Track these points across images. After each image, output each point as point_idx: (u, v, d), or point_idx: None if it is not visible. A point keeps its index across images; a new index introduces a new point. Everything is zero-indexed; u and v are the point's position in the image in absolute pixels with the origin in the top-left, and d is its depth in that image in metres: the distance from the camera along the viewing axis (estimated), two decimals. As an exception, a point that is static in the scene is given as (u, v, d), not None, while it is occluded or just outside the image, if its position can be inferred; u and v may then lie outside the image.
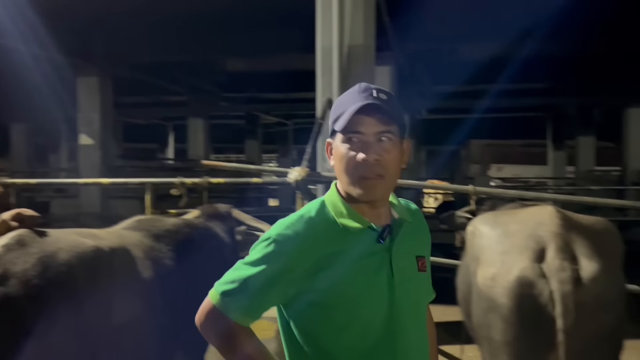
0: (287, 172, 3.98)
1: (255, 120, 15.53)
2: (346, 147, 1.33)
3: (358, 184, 1.32)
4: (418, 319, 1.41)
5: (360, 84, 1.38)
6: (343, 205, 1.37)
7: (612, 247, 2.38)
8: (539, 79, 11.00)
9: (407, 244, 1.40)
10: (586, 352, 2.16)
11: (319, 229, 1.33)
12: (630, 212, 8.37)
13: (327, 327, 1.33)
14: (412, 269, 1.39)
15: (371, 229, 1.36)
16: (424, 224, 1.51)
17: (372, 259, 1.34)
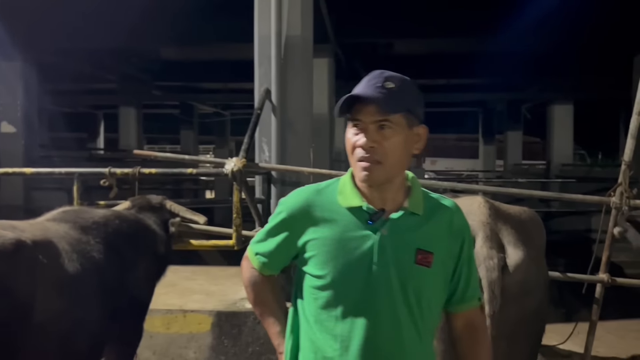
0: (223, 162, 3.90)
1: (190, 110, 15.16)
2: (351, 132, 1.41)
3: (357, 167, 1.40)
4: (408, 310, 1.40)
5: (376, 71, 1.44)
6: (349, 183, 1.46)
7: (536, 236, 2.49)
8: (472, 75, 11.39)
9: (408, 234, 1.42)
10: (512, 336, 2.26)
11: (322, 198, 1.46)
12: (554, 203, 8.87)
13: (312, 289, 1.44)
14: (406, 259, 1.40)
15: (365, 210, 1.41)
16: (453, 223, 1.47)
17: (357, 238, 1.40)
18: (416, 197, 1.46)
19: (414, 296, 1.41)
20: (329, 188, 1.48)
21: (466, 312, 1.51)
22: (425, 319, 1.44)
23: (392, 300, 1.39)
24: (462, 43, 9.63)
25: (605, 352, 4.23)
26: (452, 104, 17.07)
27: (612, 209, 3.66)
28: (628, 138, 3.69)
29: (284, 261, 1.53)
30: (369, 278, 1.38)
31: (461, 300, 1.50)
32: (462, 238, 1.49)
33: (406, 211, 1.43)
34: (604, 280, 3.78)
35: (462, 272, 1.49)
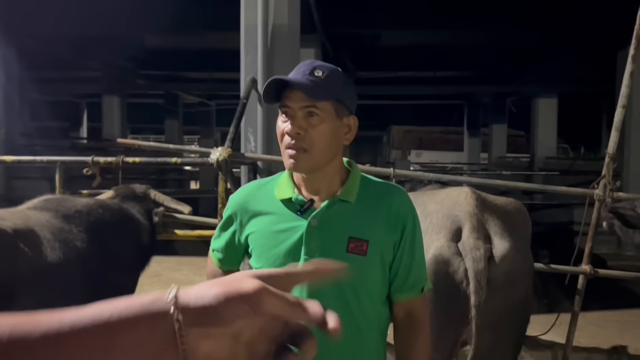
0: (209, 152, 3.87)
1: (175, 100, 15.01)
2: (280, 120, 1.39)
3: (285, 155, 1.38)
4: (341, 301, 1.35)
5: (306, 60, 1.42)
6: (287, 175, 1.46)
7: (522, 227, 2.50)
8: (458, 67, 11.42)
9: (339, 223, 1.39)
10: (497, 325, 2.27)
11: (262, 192, 1.47)
12: (537, 196, 8.95)
13: None
14: (336, 248, 1.36)
15: (293, 201, 1.41)
16: (395, 210, 1.41)
17: (287, 230, 1.40)
18: (351, 185, 1.42)
19: (350, 288, 1.36)
20: (271, 182, 1.49)
21: (406, 302, 1.45)
22: (366, 313, 1.38)
23: (322, 294, 1.27)
24: (449, 35, 9.65)
25: (587, 342, 4.30)
26: (437, 97, 17.13)
27: (596, 201, 3.70)
28: (612, 131, 3.73)
29: (237, 256, 1.54)
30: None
31: (400, 290, 1.44)
32: (403, 225, 1.41)
33: (337, 199, 1.40)
34: (587, 272, 3.82)
35: (402, 261, 1.42)
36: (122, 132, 12.42)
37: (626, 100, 3.69)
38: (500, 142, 14.89)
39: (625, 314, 4.95)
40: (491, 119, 15.09)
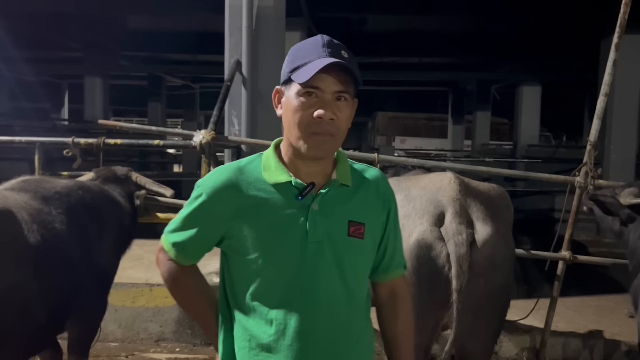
0: (192, 135, 3.83)
1: (159, 82, 14.80)
2: (301, 101, 1.30)
3: (309, 140, 1.31)
4: (343, 283, 1.37)
5: (323, 36, 1.35)
6: (274, 158, 1.39)
7: (504, 212, 2.53)
8: (444, 54, 11.42)
9: (339, 207, 1.38)
10: (477, 310, 2.30)
11: (244, 178, 1.37)
12: (519, 183, 9.05)
13: (242, 275, 1.37)
14: (339, 233, 1.36)
15: (294, 185, 1.35)
16: (381, 192, 1.44)
17: (288, 215, 1.34)
18: (344, 169, 1.40)
19: (351, 270, 1.37)
20: (252, 165, 1.39)
21: (391, 282, 1.49)
22: (361, 291, 1.41)
23: (328, 277, 1.34)
24: (435, 21, 9.63)
25: (565, 327, 4.37)
26: (423, 83, 17.13)
27: (577, 189, 3.75)
28: (594, 119, 3.77)
29: (206, 248, 1.43)
30: (304, 256, 1.33)
31: (387, 269, 1.47)
32: (388, 206, 1.45)
33: (335, 183, 1.38)
34: (566, 258, 3.88)
35: (389, 241, 1.46)
36: (105, 114, 12.22)
37: (608, 88, 3.72)
38: (484, 130, 14.99)
39: (602, 299, 5.03)
40: (475, 106, 15.16)
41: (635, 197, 2.97)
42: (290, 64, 1.33)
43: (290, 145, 1.37)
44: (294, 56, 1.34)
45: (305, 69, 1.29)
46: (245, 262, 1.35)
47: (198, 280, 1.49)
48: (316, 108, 1.30)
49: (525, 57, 10.83)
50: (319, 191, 1.37)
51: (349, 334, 1.38)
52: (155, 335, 4.27)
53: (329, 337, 1.35)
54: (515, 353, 4.19)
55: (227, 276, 1.41)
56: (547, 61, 11.34)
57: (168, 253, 1.44)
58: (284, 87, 1.35)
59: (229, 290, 1.41)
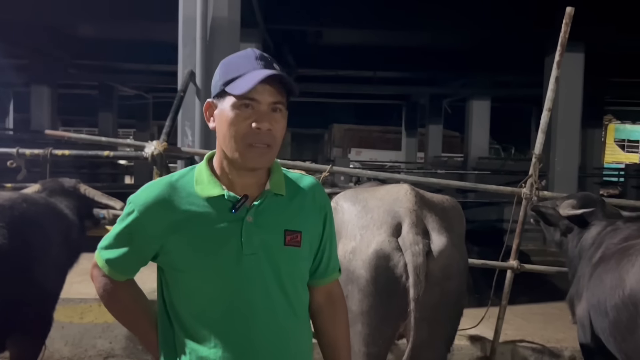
0: (143, 146, 3.74)
1: (110, 92, 14.45)
2: (237, 113, 1.31)
3: (247, 151, 1.31)
4: (282, 292, 1.37)
5: (254, 49, 1.36)
6: (206, 172, 1.37)
7: (457, 223, 2.58)
8: (396, 68, 11.66)
9: (274, 217, 1.38)
10: (433, 319, 2.33)
11: (176, 193, 1.35)
12: (470, 194, 9.27)
13: (180, 291, 1.36)
14: (275, 243, 1.36)
15: (226, 198, 1.34)
16: (316, 200, 1.46)
17: (222, 229, 1.33)
18: (278, 178, 1.41)
19: (289, 279, 1.38)
20: (184, 179, 1.38)
21: (327, 286, 1.52)
22: (300, 299, 1.43)
23: (266, 288, 1.35)
24: (389, 36, 9.83)
25: (513, 334, 4.50)
26: (377, 97, 17.42)
27: (523, 200, 3.88)
28: (539, 132, 3.92)
29: (140, 264, 1.42)
30: (240, 269, 1.33)
31: (325, 274, 1.50)
32: (324, 214, 1.48)
33: (269, 194, 1.39)
34: (514, 267, 4.00)
35: (326, 247, 1.49)
36: (52, 124, 11.80)
37: (551, 103, 3.89)
38: (436, 142, 15.35)
39: (549, 306, 5.21)
40: (428, 120, 15.51)
41: (573, 208, 3.09)
42: (224, 77, 1.33)
43: (224, 158, 1.36)
44: (227, 69, 1.34)
45: (242, 81, 1.29)
46: (181, 277, 1.34)
47: (135, 295, 1.47)
48: (252, 119, 1.31)
49: (475, 73, 11.19)
50: (253, 203, 1.36)
51: (291, 343, 1.39)
52: (105, 352, 4.13)
53: (271, 348, 1.35)
54: (467, 361, 4.28)
55: (165, 291, 1.40)
56: (496, 77, 11.75)
57: (102, 269, 1.41)
58: (217, 100, 1.35)
59: (167, 305, 1.39)
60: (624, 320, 2.28)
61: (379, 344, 2.37)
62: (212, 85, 1.36)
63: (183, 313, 1.35)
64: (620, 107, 19.93)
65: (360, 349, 2.39)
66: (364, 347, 2.38)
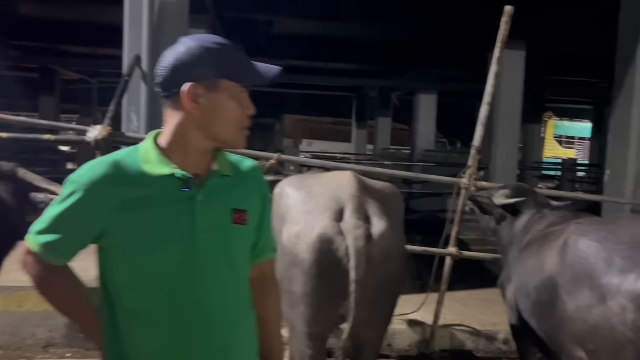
0: (86, 130, 3.66)
1: (52, 75, 13.89)
2: (238, 99, 1.38)
3: (240, 134, 1.40)
4: (230, 270, 1.41)
5: (224, 39, 1.40)
6: (154, 151, 1.37)
7: (396, 209, 2.69)
8: (346, 60, 11.76)
9: (222, 196, 1.41)
10: (373, 299, 2.42)
11: (122, 172, 1.34)
12: (416, 185, 9.53)
13: (125, 272, 1.35)
14: (223, 220, 1.40)
15: (177, 176, 1.36)
16: (257, 181, 1.52)
17: (173, 206, 1.35)
18: (224, 159, 1.45)
19: (238, 257, 1.43)
20: (129, 158, 1.37)
21: (262, 264, 1.56)
22: (247, 276, 1.48)
23: (216, 266, 1.38)
24: (340, 28, 9.90)
25: (452, 319, 4.69)
26: (329, 88, 17.51)
27: (462, 190, 4.05)
28: (477, 125, 4.10)
29: (81, 246, 1.38)
30: (192, 248, 1.34)
31: (262, 253, 1.55)
32: (263, 194, 1.54)
33: (217, 173, 1.42)
34: (453, 254, 4.18)
35: (265, 226, 1.54)
36: (-12, 107, 11.26)
37: (490, 97, 4.06)
38: (385, 135, 15.62)
39: (487, 292, 5.43)
40: (377, 112, 15.74)
41: (506, 198, 3.26)
42: (221, 65, 1.35)
43: (191, 139, 1.37)
44: (222, 58, 1.36)
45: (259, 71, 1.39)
46: (128, 257, 1.33)
47: (73, 280, 1.44)
48: (245, 104, 1.40)
49: (423, 67, 11.43)
50: (204, 182, 1.39)
51: (239, 322, 1.43)
52: (44, 341, 4.03)
53: (221, 327, 1.38)
54: (407, 345, 4.43)
55: (107, 274, 1.37)
56: (443, 71, 12.04)
57: (38, 254, 1.36)
58: (204, 86, 1.34)
59: (110, 288, 1.37)
60: (544, 301, 2.45)
61: (321, 324, 2.45)
62: (192, 70, 1.34)
63: (129, 295, 1.34)
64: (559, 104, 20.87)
65: (303, 329, 2.47)
66: (306, 328, 2.45)
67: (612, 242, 2.18)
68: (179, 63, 1.34)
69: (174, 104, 1.37)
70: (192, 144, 1.38)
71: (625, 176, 5.13)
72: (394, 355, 4.32)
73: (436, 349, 4.38)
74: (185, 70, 1.34)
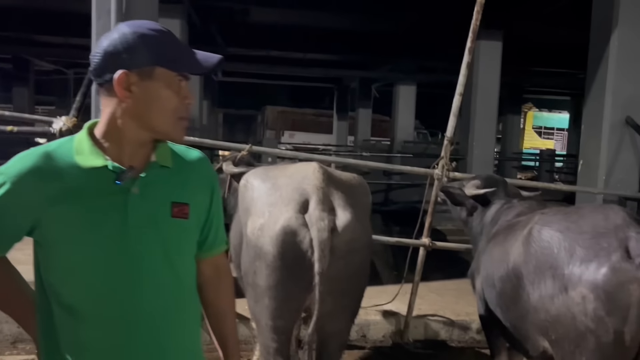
0: (51, 121, 3.58)
1: (26, 66, 13.61)
2: (175, 88, 1.33)
3: (177, 124, 1.35)
4: (169, 266, 1.36)
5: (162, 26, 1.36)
6: (87, 142, 1.33)
7: (363, 200, 2.67)
8: (325, 51, 11.70)
9: (160, 188, 1.37)
10: (338, 291, 2.41)
11: (54, 163, 1.30)
12: (395, 177, 9.54)
13: (59, 267, 1.31)
14: (162, 215, 1.36)
15: (110, 169, 1.31)
16: (204, 173, 1.47)
17: (105, 200, 1.30)
18: (164, 150, 1.41)
19: (176, 252, 1.38)
20: (62, 149, 1.32)
21: (214, 258, 1.53)
22: (189, 272, 1.44)
23: (153, 261, 1.34)
24: (319, 17, 9.83)
25: (427, 309, 4.71)
26: (310, 79, 17.44)
27: (435, 180, 4.05)
28: (450, 116, 4.09)
29: (13, 239, 1.33)
30: (126, 242, 1.30)
31: (212, 247, 1.51)
32: (211, 187, 1.49)
33: (155, 165, 1.37)
34: (426, 244, 4.19)
35: (213, 220, 1.50)
36: (-41, 98, 11.01)
37: (462, 88, 4.05)
38: (365, 126, 15.63)
39: (462, 282, 5.42)
40: (357, 104, 15.73)
41: (477, 188, 3.25)
42: (157, 53, 1.30)
43: (126, 129, 1.32)
44: (158, 45, 1.30)
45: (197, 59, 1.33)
46: (61, 252, 1.30)
47: (8, 273, 1.40)
48: (183, 94, 1.35)
49: (402, 58, 11.41)
50: (139, 174, 1.35)
51: (179, 317, 1.39)
52: (12, 337, 3.96)
53: (158, 323, 1.34)
54: (382, 335, 4.45)
55: (43, 267, 1.34)
56: (422, 62, 12.04)
57: None
58: (138, 74, 1.30)
59: (45, 283, 1.33)
60: (509, 291, 2.45)
61: (285, 317, 2.43)
62: (125, 57, 1.29)
63: (63, 291, 1.31)
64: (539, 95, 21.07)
65: (267, 322, 2.44)
66: (271, 321, 2.43)
67: (574, 232, 2.18)
68: (111, 50, 1.29)
69: (108, 92, 1.32)
70: (126, 134, 1.33)
71: (598, 166, 5.18)
72: (368, 346, 4.33)
73: (410, 340, 4.39)
74: (117, 57, 1.29)
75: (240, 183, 2.79)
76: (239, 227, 2.75)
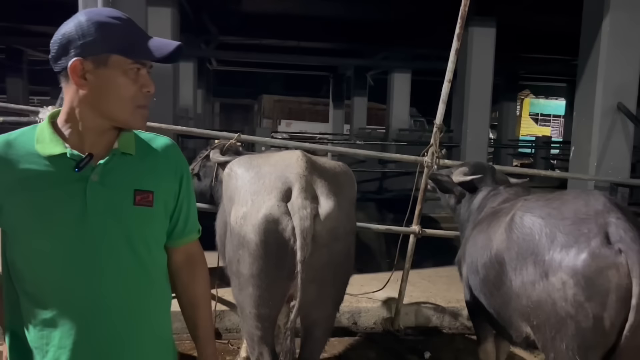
0: (37, 111, 3.57)
1: (19, 56, 13.53)
2: (131, 76, 1.32)
3: (136, 113, 1.33)
4: (132, 254, 1.36)
5: (122, 13, 1.34)
6: (48, 130, 1.33)
7: (347, 188, 2.65)
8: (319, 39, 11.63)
9: (122, 176, 1.36)
10: (321, 279, 2.41)
11: (14, 152, 1.30)
12: (390, 165, 9.53)
13: (22, 253, 1.31)
14: (123, 203, 1.35)
15: (69, 157, 1.31)
16: (172, 159, 1.46)
17: (64, 188, 1.30)
18: (127, 138, 1.40)
19: (141, 240, 1.37)
20: (23, 137, 1.34)
21: (186, 246, 1.53)
22: (156, 260, 1.42)
23: (114, 249, 1.33)
24: (313, 5, 9.76)
25: (419, 296, 4.73)
26: (306, 68, 17.35)
27: (425, 168, 4.04)
28: (439, 103, 4.08)
29: None
30: (85, 230, 1.30)
31: (182, 235, 1.50)
32: (180, 174, 1.47)
33: (117, 152, 1.37)
34: (416, 232, 4.19)
35: (182, 208, 1.48)
36: (-48, 89, 10.96)
37: (451, 75, 4.03)
38: (361, 114, 15.57)
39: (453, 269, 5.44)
40: (353, 92, 15.67)
41: (465, 175, 3.25)
42: (110, 39, 1.29)
43: (84, 117, 1.32)
44: (111, 31, 1.29)
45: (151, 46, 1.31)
46: (22, 239, 1.30)
47: None
48: (141, 83, 1.33)
49: (397, 46, 11.34)
50: (99, 162, 1.34)
51: (143, 306, 1.38)
52: None
53: (121, 312, 1.34)
54: (373, 322, 4.47)
55: (7, 253, 1.35)
56: (417, 50, 11.97)
57: None
58: (93, 61, 1.29)
59: (10, 268, 1.34)
60: (492, 278, 2.46)
61: (269, 305, 2.43)
62: (80, 45, 1.28)
63: (26, 276, 1.31)
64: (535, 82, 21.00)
65: (251, 310, 2.45)
66: (254, 309, 2.44)
67: (556, 218, 2.18)
68: (67, 37, 1.29)
69: (66, 80, 1.32)
70: (85, 122, 1.33)
71: (590, 152, 5.17)
72: (359, 333, 4.35)
73: (401, 327, 4.41)
74: (72, 44, 1.29)
75: (224, 172, 2.78)
76: (223, 216, 2.75)
